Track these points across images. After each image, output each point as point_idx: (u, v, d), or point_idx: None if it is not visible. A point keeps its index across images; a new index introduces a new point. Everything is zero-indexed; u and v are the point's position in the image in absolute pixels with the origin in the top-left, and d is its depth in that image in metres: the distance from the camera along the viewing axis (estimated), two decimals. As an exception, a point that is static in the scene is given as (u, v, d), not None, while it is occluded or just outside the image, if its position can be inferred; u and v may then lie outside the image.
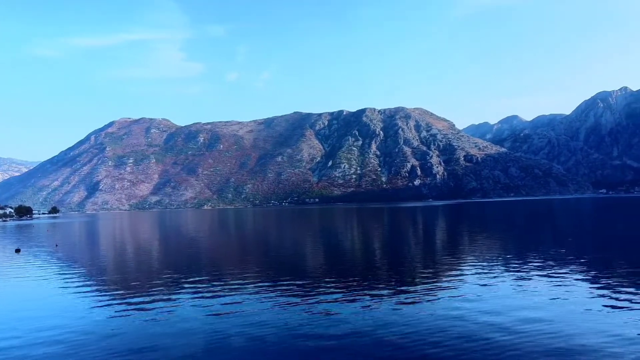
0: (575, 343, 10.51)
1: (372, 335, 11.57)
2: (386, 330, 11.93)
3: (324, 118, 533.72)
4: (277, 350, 10.95)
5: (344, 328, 12.21)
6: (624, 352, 9.89)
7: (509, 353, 10.11)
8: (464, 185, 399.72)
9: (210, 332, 12.42)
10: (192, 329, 12.79)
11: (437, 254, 27.34)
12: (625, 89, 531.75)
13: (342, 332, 11.90)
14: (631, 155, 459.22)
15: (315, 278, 19.94)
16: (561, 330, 11.31)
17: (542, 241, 34.60)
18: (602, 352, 10.02)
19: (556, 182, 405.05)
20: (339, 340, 11.20)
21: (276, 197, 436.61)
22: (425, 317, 12.82)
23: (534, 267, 21.05)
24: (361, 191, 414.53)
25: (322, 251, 31.05)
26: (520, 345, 10.53)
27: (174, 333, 12.46)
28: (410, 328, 11.95)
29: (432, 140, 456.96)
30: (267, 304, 15.16)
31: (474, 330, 11.61)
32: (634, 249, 28.58)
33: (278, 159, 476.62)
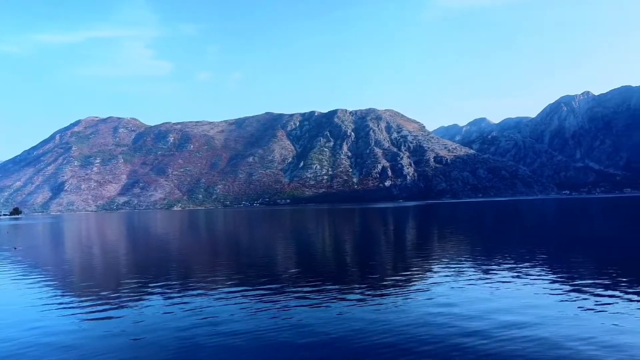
0: (550, 347, 10.40)
1: (345, 342, 11.20)
2: (360, 335, 11.60)
3: (296, 119, 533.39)
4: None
5: (316, 335, 11.82)
6: (601, 355, 9.85)
7: (485, 359, 9.93)
8: (433, 186, 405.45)
9: (178, 342, 11.71)
10: (159, 339, 12.01)
11: (409, 255, 27.16)
12: (588, 93, 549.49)
13: (314, 339, 11.50)
14: (593, 158, 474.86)
15: (287, 282, 19.44)
16: (535, 334, 11.20)
17: (511, 242, 34.95)
18: (579, 356, 9.95)
19: (522, 184, 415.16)
20: (311, 351, 10.75)
21: (247, 197, 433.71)
22: (398, 323, 12.53)
23: (504, 268, 21.14)
24: (333, 192, 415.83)
25: (294, 254, 30.39)
26: (495, 350, 10.32)
27: (139, 345, 11.66)
28: (384, 334, 11.66)
29: (403, 142, 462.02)
30: (238, 311, 14.55)
31: (448, 335, 11.38)
32: (599, 249, 29.05)
33: (249, 159, 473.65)
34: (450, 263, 23.09)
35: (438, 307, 14.17)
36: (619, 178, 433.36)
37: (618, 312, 13.04)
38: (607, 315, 12.79)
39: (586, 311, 13.34)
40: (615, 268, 20.69)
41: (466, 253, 26.96)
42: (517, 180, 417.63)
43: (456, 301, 14.81)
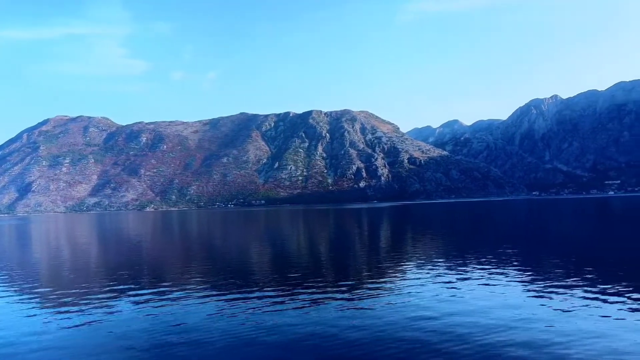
0: (527, 349, 10.56)
1: (320, 346, 11.21)
2: (335, 339, 11.60)
3: (271, 119, 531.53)
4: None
5: (291, 339, 11.79)
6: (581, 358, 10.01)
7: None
8: (407, 187, 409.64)
9: (149, 347, 11.51)
10: (129, 344, 11.80)
11: (383, 257, 27.28)
12: (556, 96, 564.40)
13: (289, 343, 11.50)
14: (561, 160, 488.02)
15: (261, 284, 19.27)
16: (511, 339, 11.27)
17: (484, 243, 35.62)
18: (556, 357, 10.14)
19: (494, 185, 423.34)
20: (285, 354, 10.79)
21: (221, 198, 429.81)
22: (373, 325, 12.56)
23: (478, 269, 21.44)
24: (307, 193, 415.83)
25: (268, 256, 30.16)
26: (471, 352, 10.46)
27: (108, 350, 11.43)
28: (359, 337, 11.67)
29: (377, 143, 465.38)
30: (212, 314, 14.30)
31: (421, 337, 11.46)
32: (568, 249, 29.95)
33: (224, 160, 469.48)
34: (424, 264, 23.40)
35: (413, 309, 14.26)
36: (585, 179, 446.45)
37: (593, 314, 13.33)
38: (583, 316, 13.10)
39: (563, 313, 13.59)
40: (583, 267, 21.34)
41: (440, 254, 27.38)
42: (489, 181, 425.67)
43: (430, 303, 14.87)
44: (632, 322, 12.32)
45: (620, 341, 10.86)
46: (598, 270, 20.50)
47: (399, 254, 27.39)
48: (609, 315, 13.13)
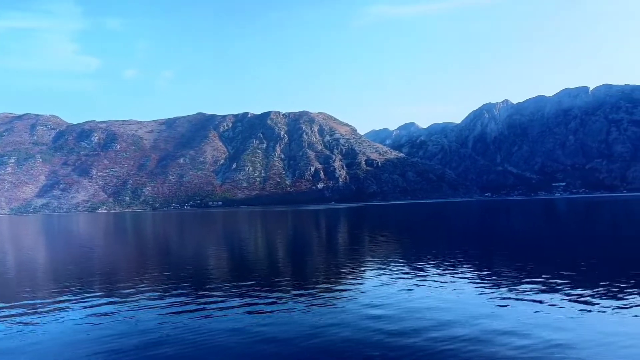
0: (476, 344, 10.79)
1: (277, 348, 11.13)
2: (292, 341, 11.52)
3: (229, 120, 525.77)
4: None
5: (249, 341, 11.64)
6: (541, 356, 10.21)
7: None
8: (365, 188, 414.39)
9: (104, 354, 11.13)
10: (81, 353, 11.32)
11: (340, 257, 27.41)
12: (507, 101, 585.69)
13: (246, 345, 11.34)
14: (512, 162, 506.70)
15: (218, 287, 18.97)
16: (462, 334, 11.48)
17: (438, 242, 36.55)
18: (502, 350, 10.39)
19: (448, 186, 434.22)
20: (243, 357, 10.63)
21: (177, 200, 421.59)
22: (330, 327, 12.46)
23: (433, 268, 21.81)
24: (265, 194, 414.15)
25: (225, 258, 29.66)
26: (425, 349, 10.60)
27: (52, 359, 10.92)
28: (316, 338, 11.62)
29: (335, 145, 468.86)
30: (167, 320, 13.81)
31: (375, 337, 11.51)
32: (518, 247, 31.17)
33: (180, 160, 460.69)
34: (381, 264, 23.58)
35: (370, 309, 14.27)
36: (534, 181, 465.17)
37: (540, 309, 13.83)
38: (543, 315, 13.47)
39: (508, 307, 14.07)
40: (532, 265, 22.22)
41: (396, 254, 27.74)
42: (443, 183, 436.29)
43: (386, 302, 14.93)
44: (575, 315, 12.98)
45: (564, 332, 11.42)
46: (545, 267, 21.49)
47: (357, 254, 27.57)
48: (554, 306, 13.89)
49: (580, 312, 13.14)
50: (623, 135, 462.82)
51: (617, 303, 13.99)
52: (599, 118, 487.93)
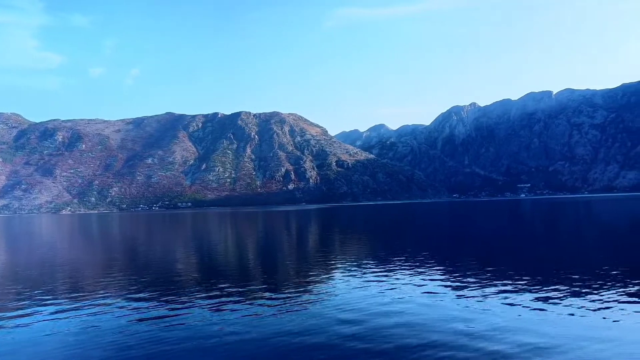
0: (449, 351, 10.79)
1: (245, 351, 10.99)
2: (258, 349, 11.30)
3: (198, 120, 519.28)
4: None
5: (217, 345, 11.40)
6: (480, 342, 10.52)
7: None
8: (335, 189, 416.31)
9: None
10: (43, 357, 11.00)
11: (311, 259, 27.25)
12: (474, 104, 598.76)
13: (213, 350, 11.13)
14: (479, 164, 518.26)
15: (186, 289, 18.51)
16: (432, 337, 11.51)
17: (408, 242, 36.70)
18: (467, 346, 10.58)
19: (418, 187, 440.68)
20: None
21: (146, 201, 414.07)
22: (300, 332, 12.20)
23: (404, 268, 21.89)
24: (235, 195, 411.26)
25: (194, 259, 28.95)
26: (393, 352, 10.60)
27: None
28: (285, 346, 11.39)
29: (306, 146, 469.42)
30: (130, 328, 13.26)
31: (346, 340, 11.48)
32: (484, 247, 31.90)
33: (148, 160, 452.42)
34: (351, 265, 23.55)
35: (340, 312, 14.12)
36: (500, 183, 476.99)
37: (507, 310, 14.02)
38: (499, 312, 13.72)
39: (479, 310, 14.17)
40: (501, 266, 22.54)
41: (367, 255, 27.78)
42: (413, 184, 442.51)
43: (358, 306, 14.75)
44: (547, 316, 13.18)
45: (537, 335, 11.55)
46: (513, 268, 21.92)
47: (327, 257, 27.23)
48: (526, 308, 14.13)
49: (548, 313, 13.37)
50: (584, 138, 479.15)
51: (585, 304, 14.35)
52: (562, 122, 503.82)
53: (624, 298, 14.75)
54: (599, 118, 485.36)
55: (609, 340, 10.86)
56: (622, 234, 39.10)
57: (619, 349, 10.30)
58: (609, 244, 31.66)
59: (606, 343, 10.66)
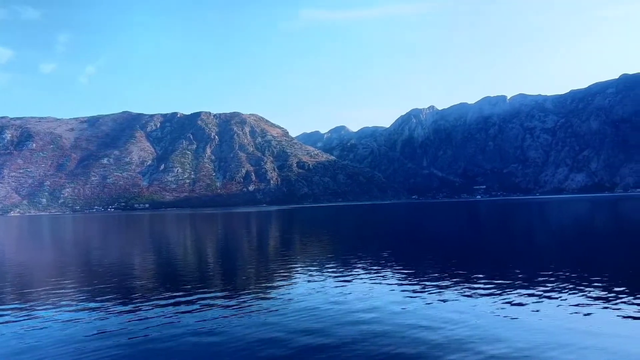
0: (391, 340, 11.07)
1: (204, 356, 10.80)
2: (219, 349, 11.18)
3: (157, 119, 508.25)
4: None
5: (172, 351, 11.18)
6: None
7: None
8: (296, 190, 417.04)
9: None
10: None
11: (271, 261, 27.08)
12: (433, 107, 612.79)
13: (170, 355, 10.87)
14: (437, 166, 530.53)
15: (142, 294, 17.94)
16: (388, 336, 11.62)
17: (368, 243, 36.99)
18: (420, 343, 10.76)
19: (377, 189, 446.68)
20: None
21: (101, 202, 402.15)
22: (258, 341, 11.83)
23: (363, 269, 22.01)
24: (195, 196, 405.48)
25: (151, 263, 28.05)
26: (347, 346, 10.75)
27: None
28: (242, 355, 11.09)
29: (267, 147, 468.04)
30: (81, 337, 12.54)
31: (307, 342, 11.43)
32: (442, 247, 32.62)
33: (104, 161, 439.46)
34: (312, 267, 23.51)
35: (299, 319, 13.83)
36: (457, 184, 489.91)
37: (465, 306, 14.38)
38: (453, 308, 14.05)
39: (431, 305, 14.59)
40: (461, 267, 22.95)
41: (327, 258, 27.56)
42: (373, 186, 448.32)
43: (317, 312, 14.41)
44: (495, 312, 13.61)
45: (487, 329, 11.95)
46: (471, 267, 22.59)
47: (287, 259, 27.14)
48: (474, 304, 14.60)
49: (515, 316, 13.45)
50: (536, 142, 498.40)
51: (543, 302, 14.68)
52: (515, 125, 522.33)
53: (579, 299, 14.91)
54: (550, 123, 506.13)
55: (577, 344, 10.71)
56: (571, 234, 40.55)
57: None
58: (560, 244, 32.80)
59: (570, 347, 10.51)
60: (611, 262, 22.74)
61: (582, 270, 20.22)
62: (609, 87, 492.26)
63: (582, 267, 21.20)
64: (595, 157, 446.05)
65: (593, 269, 20.64)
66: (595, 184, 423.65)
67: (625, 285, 16.40)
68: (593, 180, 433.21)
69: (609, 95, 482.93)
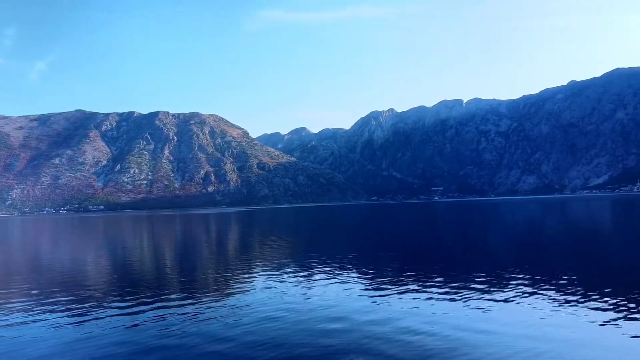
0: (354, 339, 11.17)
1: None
2: (182, 350, 11.09)
3: (112, 119, 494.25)
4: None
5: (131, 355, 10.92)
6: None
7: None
8: (256, 192, 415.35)
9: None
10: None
11: (230, 263, 26.77)
12: (392, 110, 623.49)
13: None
14: (396, 168, 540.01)
15: (97, 299, 17.36)
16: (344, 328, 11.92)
17: (328, 245, 37.29)
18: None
19: (337, 190, 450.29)
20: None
21: (52, 203, 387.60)
22: (214, 352, 11.41)
23: (323, 271, 22.08)
24: (152, 197, 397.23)
25: (105, 268, 26.93)
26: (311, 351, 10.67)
27: None
28: (209, 347, 11.15)
29: (227, 147, 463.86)
30: (30, 346, 12.09)
31: (267, 342, 11.39)
32: (401, 248, 33.15)
33: (55, 160, 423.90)
34: (271, 269, 23.50)
35: (261, 315, 13.97)
36: (416, 186, 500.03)
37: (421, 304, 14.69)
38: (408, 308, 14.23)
39: (388, 302, 14.89)
40: (411, 263, 23.62)
41: (287, 260, 27.41)
42: (333, 187, 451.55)
43: (279, 315, 14.22)
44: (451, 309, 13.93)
45: (437, 324, 12.30)
46: (428, 266, 23.15)
47: (247, 262, 26.79)
48: (428, 302, 15.00)
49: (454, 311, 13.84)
50: (491, 145, 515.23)
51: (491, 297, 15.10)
52: (471, 129, 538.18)
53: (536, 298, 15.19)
54: (504, 126, 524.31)
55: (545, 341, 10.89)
56: (524, 234, 42.16)
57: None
58: (513, 244, 33.96)
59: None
60: (557, 260, 23.63)
61: (531, 268, 20.89)
62: (559, 93, 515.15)
63: (532, 265, 22.09)
64: (545, 160, 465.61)
65: (542, 266, 21.50)
66: (545, 186, 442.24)
67: (576, 284, 16.79)
68: (544, 182, 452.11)
69: (558, 101, 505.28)
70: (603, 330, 11.34)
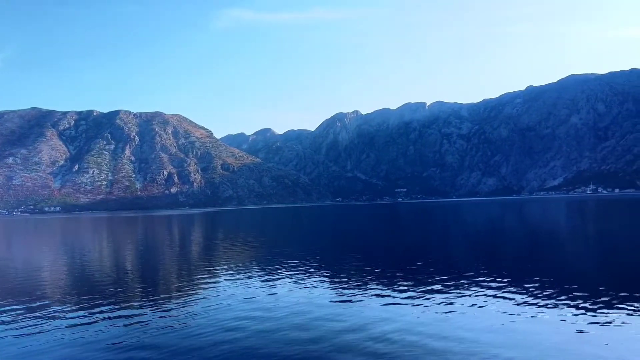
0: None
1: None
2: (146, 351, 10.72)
3: (70, 117, 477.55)
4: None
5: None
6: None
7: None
8: (220, 193, 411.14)
9: None
10: None
11: (193, 266, 26.16)
12: (357, 112, 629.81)
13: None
14: (360, 169, 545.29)
15: (50, 310, 16.06)
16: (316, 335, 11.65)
17: (292, 247, 36.91)
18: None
19: (303, 191, 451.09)
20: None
21: (5, 205, 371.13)
22: (184, 336, 11.68)
23: (287, 273, 21.94)
24: (113, 199, 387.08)
25: (60, 273, 25.57)
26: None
27: None
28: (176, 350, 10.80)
29: (191, 148, 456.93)
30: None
31: (235, 345, 11.22)
32: (368, 249, 33.09)
33: (9, 160, 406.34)
34: (235, 272, 23.15)
35: (222, 332, 13.05)
36: (380, 187, 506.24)
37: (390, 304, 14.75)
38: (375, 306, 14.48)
39: (350, 302, 14.98)
40: (381, 266, 23.53)
41: (252, 263, 27.09)
42: (298, 188, 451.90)
43: (243, 321, 13.79)
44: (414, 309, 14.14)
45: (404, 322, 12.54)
46: (393, 267, 23.33)
47: (210, 266, 26.03)
48: (395, 302, 15.12)
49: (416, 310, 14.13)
50: (453, 147, 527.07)
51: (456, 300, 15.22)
52: (434, 131, 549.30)
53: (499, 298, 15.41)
54: (465, 129, 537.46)
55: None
56: (485, 235, 42.96)
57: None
58: (475, 245, 34.57)
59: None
60: (518, 261, 24.24)
61: (493, 269, 21.13)
62: (517, 98, 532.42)
63: (494, 266, 22.48)
64: (505, 162, 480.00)
65: (504, 268, 21.94)
66: (504, 187, 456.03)
67: (537, 285, 17.00)
68: (503, 183, 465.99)
69: (516, 105, 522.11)
70: (565, 332, 11.45)
